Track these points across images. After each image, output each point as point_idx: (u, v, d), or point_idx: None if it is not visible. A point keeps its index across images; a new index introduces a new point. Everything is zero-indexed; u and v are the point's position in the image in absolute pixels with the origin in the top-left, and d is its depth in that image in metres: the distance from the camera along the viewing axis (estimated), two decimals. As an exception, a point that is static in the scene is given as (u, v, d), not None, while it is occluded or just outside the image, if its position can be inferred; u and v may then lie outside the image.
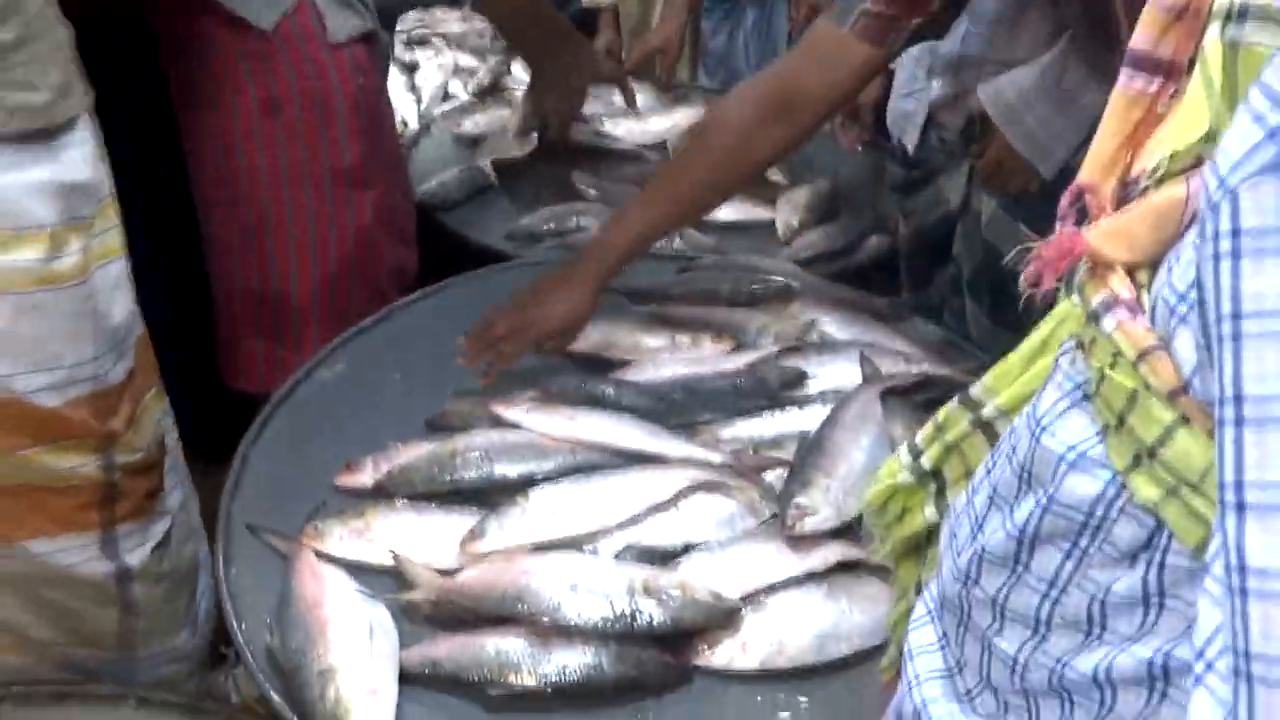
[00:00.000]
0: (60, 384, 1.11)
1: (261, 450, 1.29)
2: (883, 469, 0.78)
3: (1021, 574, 0.53)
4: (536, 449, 1.24)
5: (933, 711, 0.58)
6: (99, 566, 1.19)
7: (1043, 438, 0.52)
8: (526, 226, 1.81)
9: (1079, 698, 0.50)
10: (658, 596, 1.06)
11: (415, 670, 1.02)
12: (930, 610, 0.63)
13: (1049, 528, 0.51)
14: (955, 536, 0.60)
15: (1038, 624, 0.52)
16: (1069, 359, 0.54)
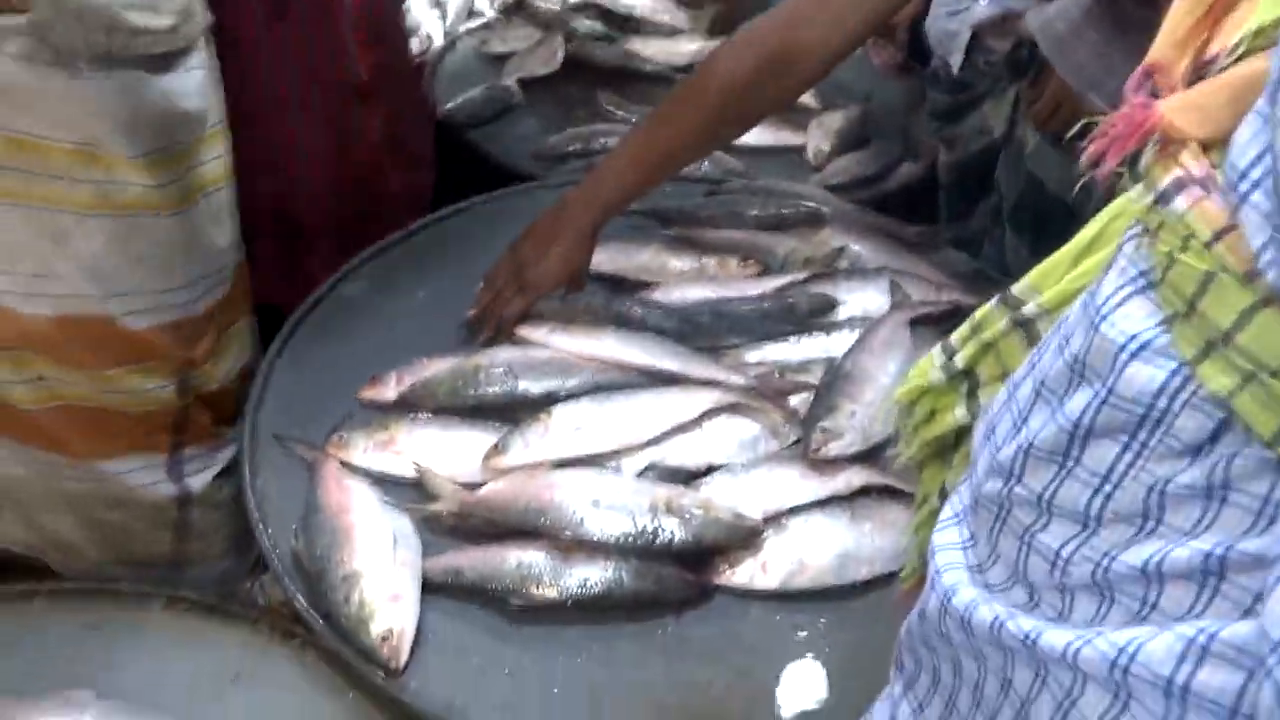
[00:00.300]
0: (149, 308, 1.12)
1: (286, 363, 1.29)
2: (913, 369, 0.76)
3: (1072, 469, 0.51)
4: (561, 366, 1.23)
5: (959, 599, 0.56)
6: (164, 489, 1.21)
7: (1102, 326, 0.50)
8: (552, 147, 1.78)
9: (1121, 593, 0.49)
10: (680, 514, 1.06)
11: (437, 579, 1.03)
12: (957, 512, 0.62)
13: (1105, 421, 0.50)
14: (994, 433, 0.59)
15: (1087, 519, 0.51)
16: (1133, 245, 0.51)
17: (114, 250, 1.06)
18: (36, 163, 0.99)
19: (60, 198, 1.02)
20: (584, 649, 1.01)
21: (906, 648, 0.64)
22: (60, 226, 1.03)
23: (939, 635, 0.58)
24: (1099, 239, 0.62)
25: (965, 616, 0.55)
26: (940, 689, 0.60)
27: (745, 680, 0.99)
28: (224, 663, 1.00)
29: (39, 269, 1.04)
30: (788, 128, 1.84)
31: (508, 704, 0.96)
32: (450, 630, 1.01)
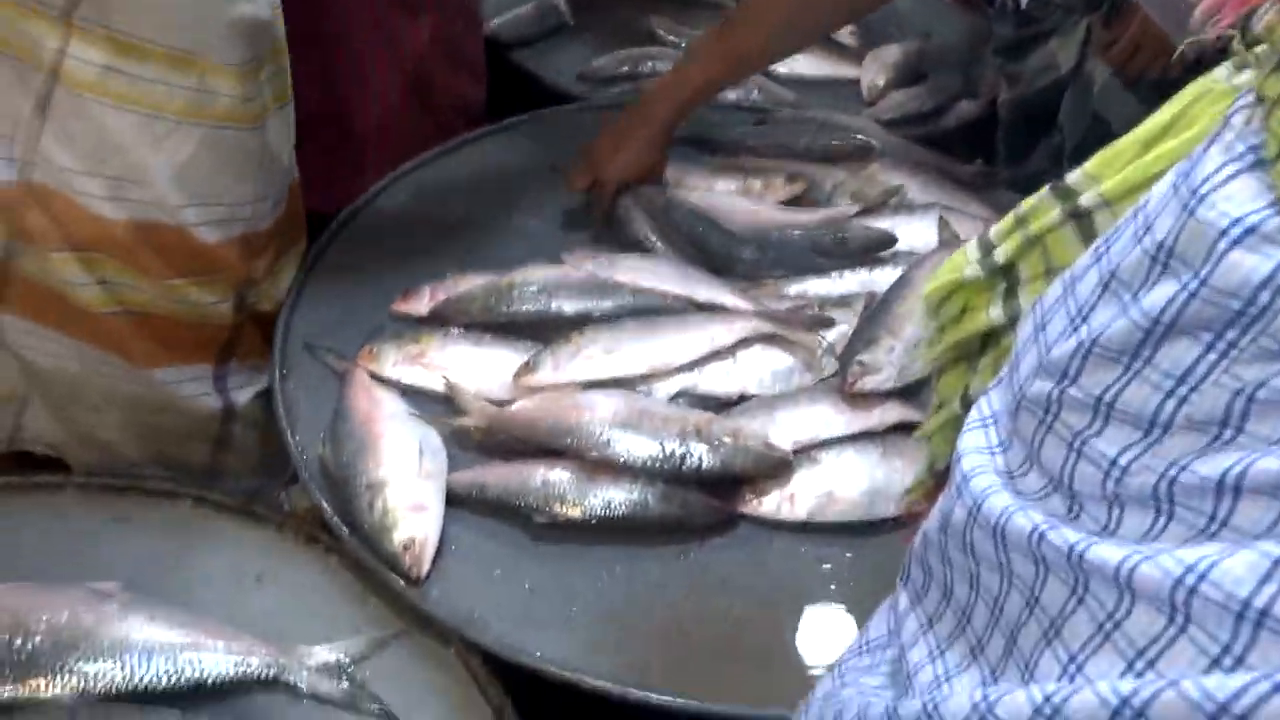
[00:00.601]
0: (221, 221, 1.11)
1: (321, 271, 1.28)
2: (946, 264, 0.70)
3: (1140, 369, 0.46)
4: (595, 287, 1.21)
5: (991, 505, 0.51)
6: (209, 401, 1.22)
7: (1199, 210, 0.44)
8: (599, 68, 1.74)
9: (1184, 507, 0.44)
10: (709, 441, 1.04)
11: (462, 493, 1.03)
12: (984, 416, 0.57)
13: (1192, 315, 0.44)
14: (1044, 330, 0.53)
15: (1153, 425, 0.46)
16: (1243, 117, 0.45)
17: (200, 160, 1.06)
18: (139, 65, 0.99)
19: (159, 103, 1.01)
20: (606, 569, 1.00)
21: (918, 559, 0.59)
22: (157, 132, 1.03)
23: (961, 546, 0.54)
24: (1176, 122, 0.56)
25: (999, 524, 0.50)
26: (953, 605, 0.56)
27: (766, 609, 0.98)
28: (249, 563, 1.00)
29: (126, 172, 1.04)
30: (842, 60, 1.79)
31: (527, 618, 0.95)
32: (473, 543, 1.01)
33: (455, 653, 0.93)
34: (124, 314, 1.12)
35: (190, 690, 0.88)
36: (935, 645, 0.56)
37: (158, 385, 1.17)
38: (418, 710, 0.90)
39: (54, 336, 1.13)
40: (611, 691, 0.90)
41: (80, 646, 0.87)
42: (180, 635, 0.89)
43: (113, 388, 1.18)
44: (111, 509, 1.04)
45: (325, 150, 1.61)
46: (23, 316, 1.12)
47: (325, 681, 0.90)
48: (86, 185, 1.04)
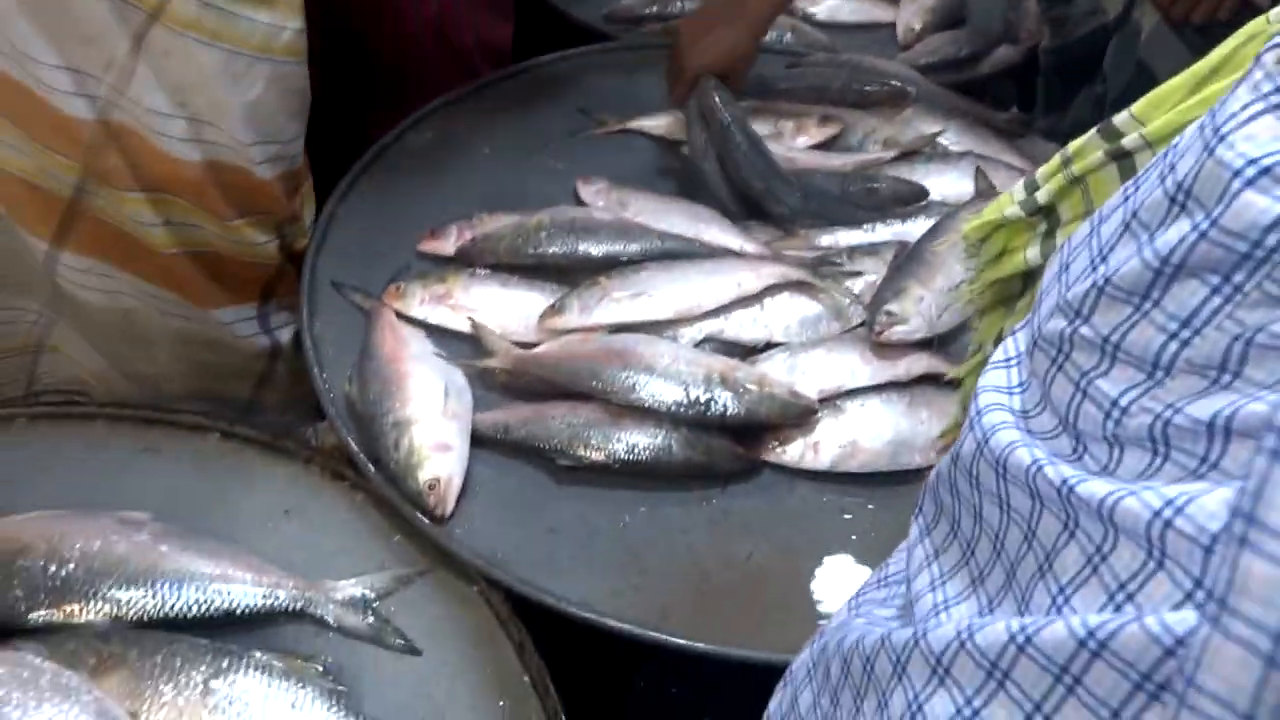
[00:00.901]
0: (275, 158, 1.12)
1: (348, 209, 1.28)
2: (990, 204, 0.70)
3: (1148, 310, 0.46)
4: (623, 230, 1.20)
5: (998, 439, 0.51)
6: (259, 341, 1.24)
7: (1218, 149, 0.43)
8: (628, 7, 1.71)
9: (1178, 449, 0.44)
10: (734, 388, 1.04)
11: (487, 434, 1.04)
12: (1009, 356, 0.56)
13: (1200, 257, 0.44)
14: (1067, 269, 0.53)
15: (1155, 367, 0.46)
16: (1274, 56, 0.44)
17: (267, 97, 1.06)
18: (230, 1, 0.99)
19: (242, 38, 1.01)
20: (628, 511, 1.01)
21: (930, 491, 0.60)
22: (236, 69, 1.02)
23: (968, 477, 0.54)
24: (1225, 65, 0.54)
25: (1002, 457, 0.50)
26: (959, 537, 0.56)
27: (786, 555, 0.99)
28: (276, 496, 1.01)
29: (206, 112, 1.04)
30: (878, 2, 1.74)
31: (549, 559, 0.96)
32: (497, 484, 1.02)
33: (478, 591, 0.94)
34: (185, 254, 1.14)
35: (219, 619, 0.90)
36: (938, 575, 0.57)
37: (214, 325, 1.19)
38: (440, 645, 0.91)
39: (114, 274, 1.15)
40: (631, 633, 0.91)
41: (113, 574, 0.89)
42: (210, 565, 0.91)
43: (166, 324, 1.19)
44: (142, 440, 1.05)
45: (344, 86, 1.60)
46: (83, 254, 1.13)
47: (351, 615, 0.92)
48: (167, 126, 1.04)
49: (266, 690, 0.83)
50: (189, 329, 1.20)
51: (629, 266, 1.17)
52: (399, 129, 1.39)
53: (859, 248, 1.24)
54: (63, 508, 0.95)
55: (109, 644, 0.84)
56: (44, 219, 1.10)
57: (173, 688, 0.82)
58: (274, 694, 0.83)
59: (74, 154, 1.05)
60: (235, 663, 0.84)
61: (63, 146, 1.05)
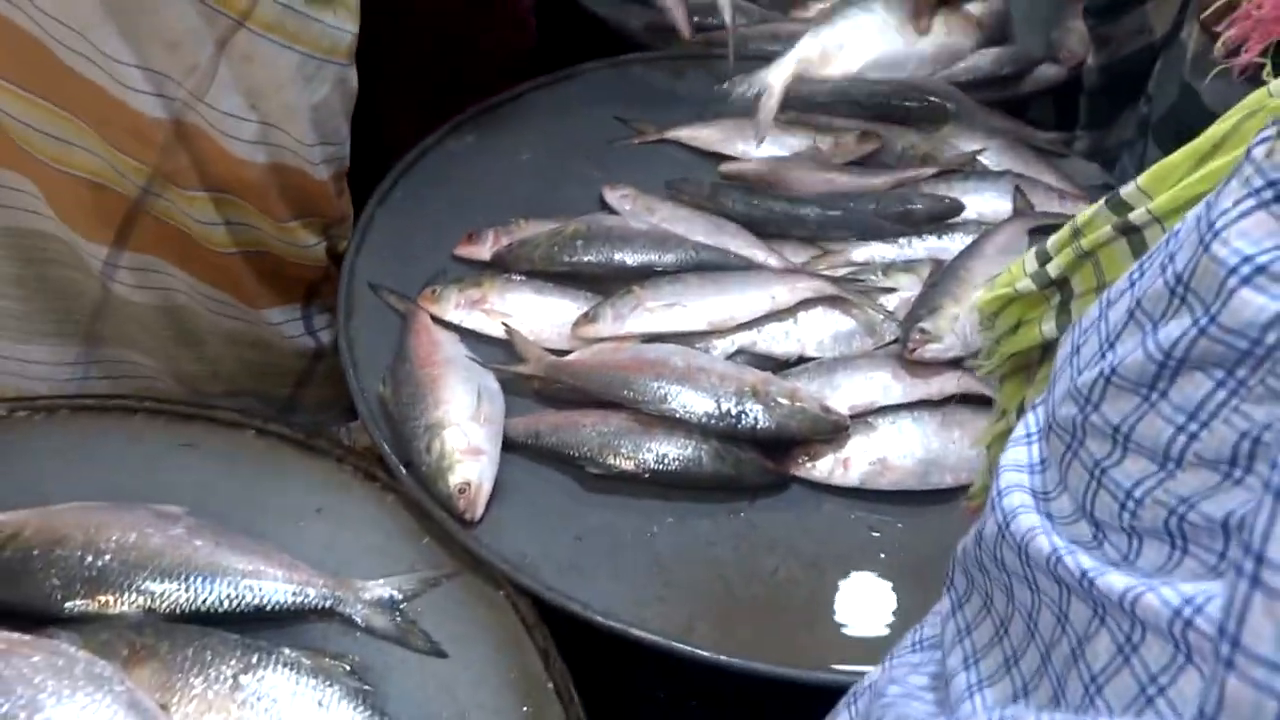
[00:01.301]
0: (328, 160, 1.13)
1: (387, 212, 1.29)
2: (1001, 275, 0.69)
3: (1155, 402, 0.46)
4: (659, 239, 1.21)
5: (1019, 524, 0.51)
6: (304, 342, 1.25)
7: (1213, 245, 0.43)
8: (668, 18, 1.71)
9: (1196, 545, 0.44)
10: (765, 401, 1.04)
11: (518, 439, 1.04)
12: (1030, 432, 0.56)
13: (1202, 352, 0.44)
14: (1078, 353, 0.53)
15: (1166, 458, 0.45)
16: (1264, 150, 0.44)
17: (332, 99, 1.08)
18: (305, 3, 1.01)
19: (315, 40, 1.03)
20: (655, 522, 1.01)
21: (960, 567, 0.59)
22: (308, 71, 1.04)
23: (994, 560, 0.54)
24: (1229, 139, 0.54)
25: (1024, 543, 0.50)
26: (992, 614, 0.56)
27: (813, 571, 0.99)
28: (309, 494, 1.03)
29: (277, 114, 1.06)
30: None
31: (575, 565, 0.97)
32: (526, 489, 1.02)
33: (505, 595, 0.95)
34: (241, 255, 1.15)
35: (250, 615, 0.91)
36: (971, 652, 0.56)
37: (264, 326, 1.21)
38: (466, 649, 0.92)
39: (171, 271, 1.16)
40: (656, 643, 0.91)
41: (147, 566, 0.91)
42: (243, 561, 0.92)
43: (216, 323, 1.21)
44: (180, 434, 1.07)
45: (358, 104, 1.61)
46: (142, 253, 1.15)
47: (379, 615, 0.92)
48: (239, 129, 1.06)
49: (294, 687, 0.84)
50: (238, 329, 1.21)
51: (663, 276, 1.17)
52: (440, 132, 1.40)
53: (894, 264, 1.24)
54: (100, 499, 0.97)
55: (142, 635, 0.86)
56: (108, 220, 1.12)
57: (203, 681, 0.83)
58: (301, 691, 0.84)
59: (146, 156, 1.07)
60: (264, 658, 0.85)
61: (135, 148, 1.07)
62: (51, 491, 0.97)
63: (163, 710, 0.80)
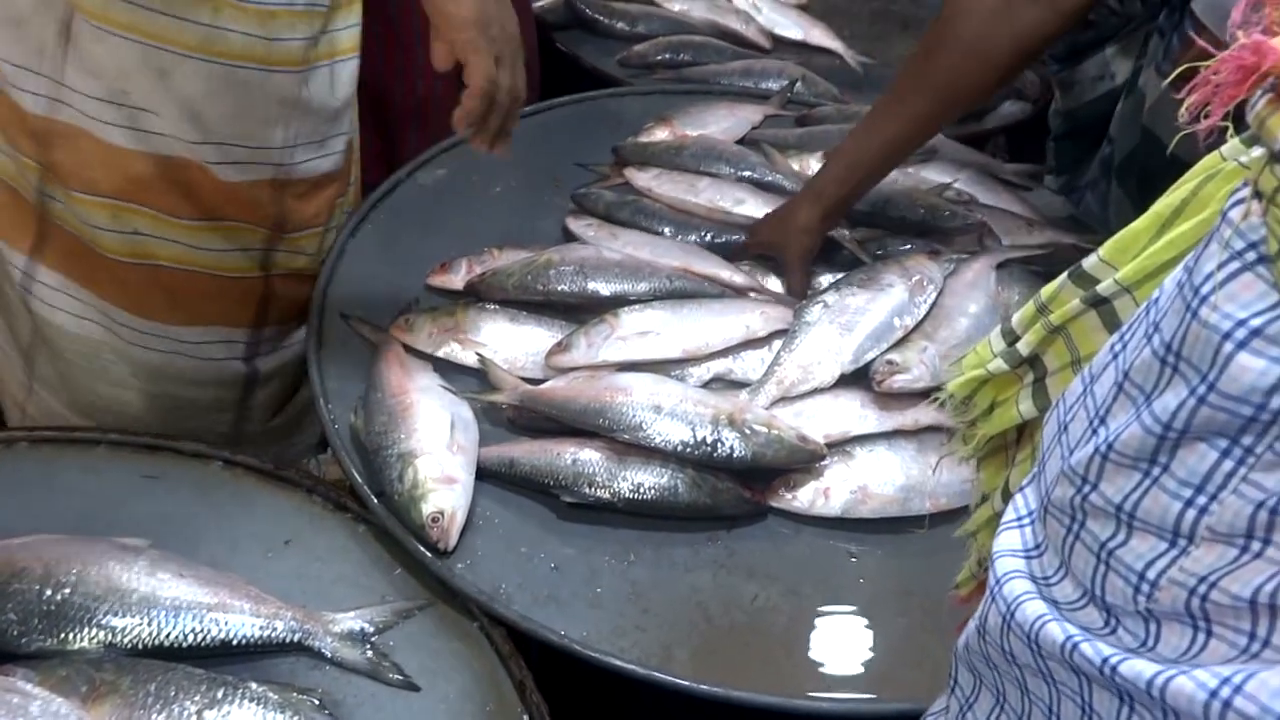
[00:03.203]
0: (245, 162, 1.11)
1: (359, 243, 1.29)
2: (968, 357, 0.67)
3: (1158, 476, 0.44)
4: (632, 269, 1.21)
5: (1025, 612, 0.50)
6: (235, 366, 1.22)
7: (1201, 310, 0.42)
8: (640, 54, 1.74)
9: (1222, 625, 0.43)
10: (741, 429, 1.03)
11: (492, 468, 1.03)
12: (1021, 515, 0.55)
13: (1204, 421, 0.42)
14: (1066, 431, 0.52)
15: (1176, 534, 0.44)
16: (1240, 212, 0.44)
17: (213, 96, 1.06)
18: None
19: (163, 34, 1.01)
20: (632, 550, 1.00)
21: (964, 664, 0.58)
22: (163, 63, 1.03)
23: (1001, 653, 0.52)
24: (1188, 205, 0.54)
25: (1032, 633, 0.49)
26: (1006, 711, 0.54)
27: (791, 598, 0.97)
28: (277, 526, 1.00)
29: (144, 102, 1.04)
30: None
31: (552, 595, 0.95)
32: (501, 518, 1.01)
33: (479, 626, 0.93)
34: (151, 268, 1.12)
35: (216, 650, 0.88)
36: None
37: (184, 348, 1.17)
38: (441, 681, 0.90)
39: (83, 295, 1.14)
40: (634, 673, 0.89)
41: (109, 600, 0.88)
42: (207, 595, 0.89)
43: (136, 355, 1.17)
44: (143, 466, 1.04)
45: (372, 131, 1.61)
46: (56, 270, 1.12)
47: (349, 648, 0.90)
48: (105, 113, 1.04)
49: (261, 722, 0.81)
50: (156, 358, 1.17)
51: (637, 305, 1.17)
52: (412, 165, 1.40)
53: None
54: (61, 533, 0.94)
55: (102, 671, 0.83)
56: (22, 227, 1.11)
57: (165, 717, 0.80)
58: (268, 726, 0.81)
59: (32, 150, 1.06)
60: (230, 693, 0.82)
61: (24, 144, 1.06)
62: (10, 525, 0.94)
63: (124, 748, 0.77)
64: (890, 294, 1.17)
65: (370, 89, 1.59)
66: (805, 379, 1.11)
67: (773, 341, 1.16)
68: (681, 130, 1.46)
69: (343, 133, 1.19)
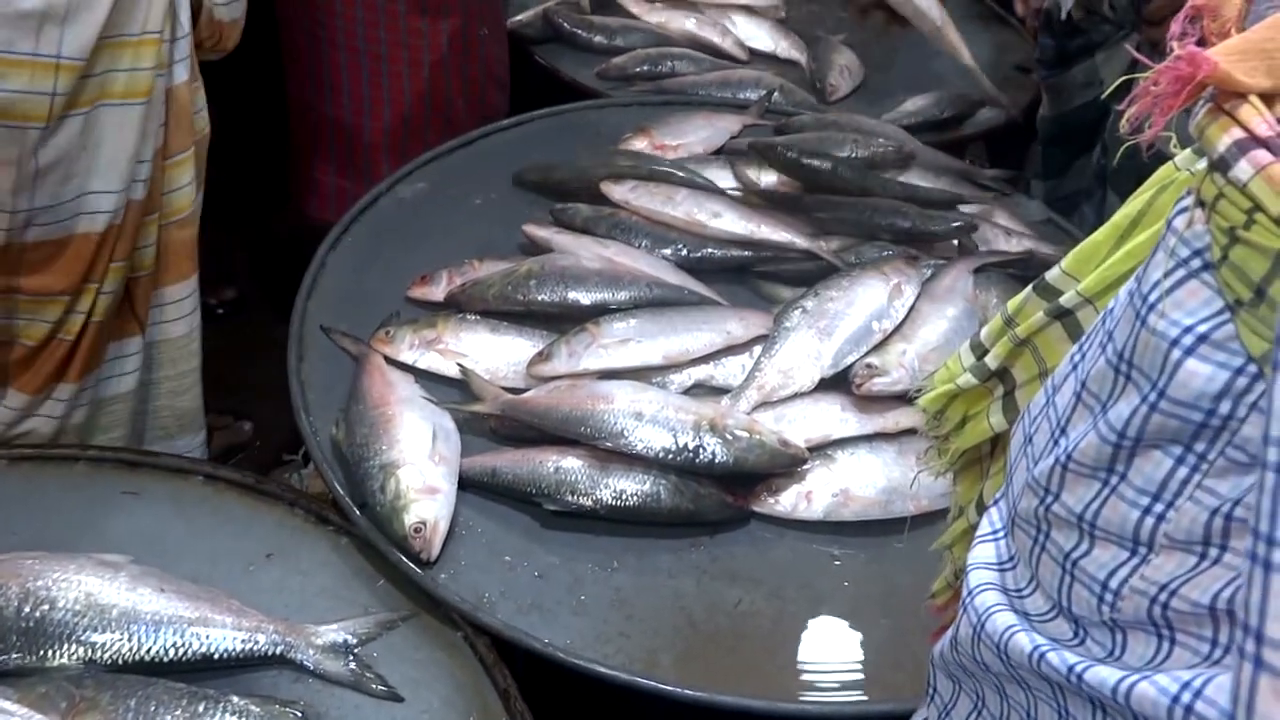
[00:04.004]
0: None
1: (339, 257, 1.29)
2: (939, 372, 0.67)
3: (1116, 485, 0.45)
4: (611, 278, 1.21)
5: (994, 623, 0.50)
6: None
7: (1149, 318, 0.43)
8: (619, 66, 1.75)
9: (1184, 633, 0.43)
10: (723, 435, 1.04)
11: (474, 477, 1.03)
12: (995, 529, 0.55)
13: (1156, 429, 0.43)
14: (1031, 442, 0.52)
15: (1137, 543, 0.44)
16: (1184, 220, 0.44)
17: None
18: None
19: None
20: (615, 558, 1.00)
21: (941, 671, 0.58)
22: None
23: (975, 662, 0.53)
24: (1145, 215, 0.55)
25: (1001, 643, 0.49)
26: (984, 716, 0.55)
27: (775, 602, 0.98)
28: (259, 540, 1.00)
29: None
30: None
31: (536, 603, 0.95)
32: (484, 528, 1.01)
33: (463, 636, 0.93)
34: None
35: (198, 664, 0.88)
36: None
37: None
38: (424, 691, 0.89)
39: None
40: (618, 679, 0.89)
41: (88, 616, 0.87)
42: (189, 609, 0.89)
43: None
44: (123, 482, 1.03)
45: (333, 165, 1.61)
46: None
47: (332, 660, 0.90)
48: None
49: (243, 736, 0.81)
50: None
51: (617, 314, 1.17)
52: (391, 179, 1.40)
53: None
54: (41, 550, 0.93)
55: (82, 687, 0.82)
56: None
57: (146, 732, 0.79)
58: (251, 740, 0.81)
59: None
60: (212, 707, 0.82)
61: None
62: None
63: (104, 764, 0.77)
64: (868, 298, 1.18)
65: (339, 126, 1.60)
66: (785, 384, 1.12)
67: (753, 347, 1.16)
68: (660, 140, 1.47)
69: (110, 190, 1.12)
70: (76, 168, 1.09)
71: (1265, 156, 0.40)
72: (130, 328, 1.24)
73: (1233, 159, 0.41)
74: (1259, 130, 0.41)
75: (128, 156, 1.12)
